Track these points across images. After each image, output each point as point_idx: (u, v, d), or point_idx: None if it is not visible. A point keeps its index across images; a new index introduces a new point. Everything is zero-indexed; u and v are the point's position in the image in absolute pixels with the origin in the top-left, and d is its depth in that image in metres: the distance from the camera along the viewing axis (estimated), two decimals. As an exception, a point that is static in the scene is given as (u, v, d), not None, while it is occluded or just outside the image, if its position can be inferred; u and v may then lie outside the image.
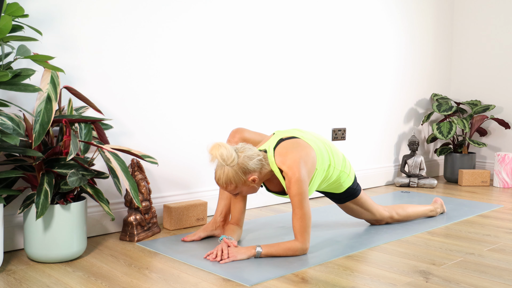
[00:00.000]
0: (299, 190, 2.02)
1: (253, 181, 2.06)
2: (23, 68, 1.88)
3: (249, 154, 2.05)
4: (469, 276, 1.89)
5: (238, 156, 2.03)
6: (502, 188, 3.82)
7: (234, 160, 2.01)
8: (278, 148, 2.12)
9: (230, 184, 2.05)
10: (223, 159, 2.00)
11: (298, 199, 2.03)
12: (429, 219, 2.77)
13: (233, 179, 2.03)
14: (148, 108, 2.56)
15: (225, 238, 2.10)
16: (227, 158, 2.00)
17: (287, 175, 2.05)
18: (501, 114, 4.25)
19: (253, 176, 2.06)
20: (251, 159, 2.05)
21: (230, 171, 2.02)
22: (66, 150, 1.99)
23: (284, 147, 2.11)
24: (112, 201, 2.47)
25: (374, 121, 3.80)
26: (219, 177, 2.05)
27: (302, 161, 2.06)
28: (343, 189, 2.37)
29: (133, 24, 2.47)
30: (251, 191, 2.13)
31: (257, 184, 2.10)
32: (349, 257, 2.10)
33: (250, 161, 2.04)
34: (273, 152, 2.12)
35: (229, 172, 2.02)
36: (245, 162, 2.03)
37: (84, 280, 1.81)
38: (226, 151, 2.00)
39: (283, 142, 2.15)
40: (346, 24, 3.52)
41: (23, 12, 1.88)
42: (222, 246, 2.06)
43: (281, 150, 2.11)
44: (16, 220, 2.17)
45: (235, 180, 2.04)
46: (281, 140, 2.16)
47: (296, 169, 2.03)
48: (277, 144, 2.15)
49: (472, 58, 4.42)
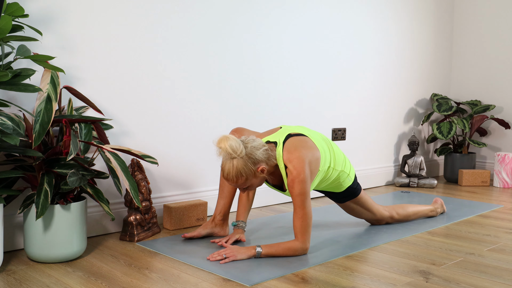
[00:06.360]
0: (302, 190, 2.02)
1: (262, 171, 2.05)
2: (23, 68, 1.88)
3: (255, 145, 2.05)
4: (469, 276, 1.89)
5: (245, 147, 2.02)
6: (502, 188, 3.82)
7: (242, 151, 2.00)
8: (287, 143, 2.12)
9: (241, 177, 2.02)
10: (233, 150, 1.98)
11: (300, 199, 2.03)
12: (429, 219, 2.77)
13: (243, 171, 2.01)
14: (148, 108, 2.56)
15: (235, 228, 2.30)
16: (236, 149, 1.98)
17: (291, 174, 2.04)
18: (501, 114, 4.25)
19: (262, 166, 2.04)
20: (258, 149, 2.04)
21: (240, 162, 2.00)
22: (66, 150, 1.99)
23: (292, 144, 2.11)
24: (112, 201, 2.47)
25: (374, 121, 3.80)
26: (228, 171, 2.02)
27: (308, 162, 2.06)
28: (343, 188, 2.37)
29: (133, 24, 2.47)
30: (259, 183, 2.11)
31: (266, 174, 2.08)
32: (349, 257, 2.10)
33: (257, 151, 2.03)
34: (282, 147, 2.11)
35: (239, 164, 2.00)
36: (253, 152, 2.02)
37: (84, 280, 1.81)
38: (234, 142, 1.98)
39: (292, 138, 2.14)
40: (346, 24, 3.52)
41: (23, 12, 1.88)
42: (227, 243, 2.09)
43: (289, 146, 2.10)
44: (16, 220, 2.17)
45: (246, 172, 2.01)
46: (289, 135, 2.16)
47: (301, 169, 2.03)
48: (286, 139, 2.14)
49: (472, 58, 4.42)
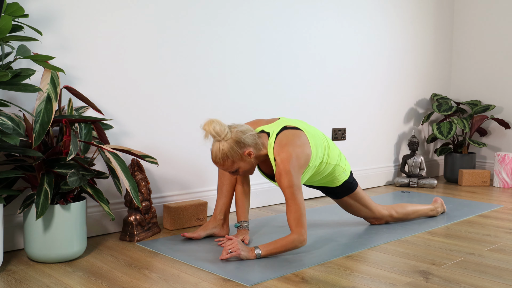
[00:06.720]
0: (289, 182, 2.05)
1: (249, 155, 2.09)
2: (23, 68, 1.88)
3: (242, 129, 2.09)
4: (469, 276, 1.89)
5: (231, 131, 2.07)
6: (502, 188, 3.82)
7: (227, 134, 2.05)
8: (280, 135, 2.15)
9: (227, 159, 2.06)
10: (216, 132, 2.04)
11: (290, 191, 2.06)
12: (429, 219, 2.77)
13: (229, 153, 2.06)
14: (148, 108, 2.56)
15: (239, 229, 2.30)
16: (220, 132, 2.04)
17: (278, 167, 2.08)
18: (501, 114, 4.25)
19: (249, 150, 2.09)
20: (244, 133, 2.08)
21: (225, 145, 2.05)
22: (66, 150, 1.99)
23: (285, 137, 2.14)
24: (112, 201, 2.47)
25: (374, 121, 3.80)
26: (215, 154, 2.07)
27: (295, 157, 2.09)
28: (340, 182, 2.39)
29: (133, 24, 2.47)
30: (248, 167, 2.13)
31: (253, 159, 2.12)
32: (349, 257, 2.10)
33: (243, 135, 2.08)
34: (275, 138, 2.15)
35: (224, 147, 2.05)
36: (239, 135, 2.07)
37: (84, 280, 1.81)
38: (219, 126, 2.04)
39: (286, 131, 2.17)
40: (346, 24, 3.52)
41: (23, 12, 1.88)
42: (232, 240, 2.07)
43: (281, 139, 2.14)
44: (16, 220, 2.17)
45: (231, 155, 2.06)
46: (285, 127, 2.19)
47: (287, 162, 2.06)
48: (280, 131, 2.17)
49: (472, 58, 4.41)
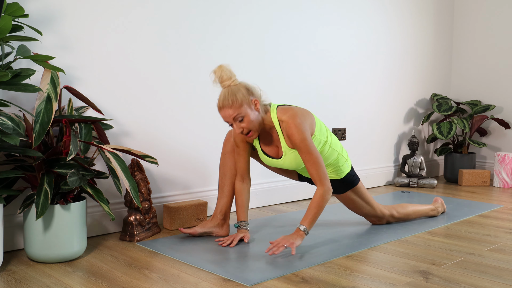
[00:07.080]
0: (302, 135, 2.08)
1: (255, 105, 2.11)
2: (23, 68, 1.88)
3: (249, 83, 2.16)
4: (469, 276, 1.89)
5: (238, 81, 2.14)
6: (502, 188, 3.82)
7: (236, 80, 2.10)
8: (280, 107, 2.20)
9: (236, 101, 2.07)
10: (226, 74, 2.08)
11: (304, 145, 2.08)
12: (429, 219, 2.77)
13: (238, 95, 2.07)
14: (148, 108, 2.56)
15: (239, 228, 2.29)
16: (230, 75, 2.09)
17: (287, 123, 2.11)
18: (501, 114, 4.25)
19: (256, 99, 2.11)
20: (251, 85, 2.14)
21: (234, 87, 2.08)
22: (66, 150, 1.99)
23: (286, 106, 2.20)
24: (112, 201, 2.47)
25: (374, 121, 3.80)
26: (224, 96, 2.08)
27: (301, 115, 2.14)
28: (343, 174, 2.40)
29: (133, 24, 2.47)
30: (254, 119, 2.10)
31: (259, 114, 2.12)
32: (349, 257, 2.11)
33: (251, 85, 2.13)
34: (276, 109, 2.19)
35: (234, 88, 2.08)
36: (247, 83, 2.13)
37: (84, 280, 1.81)
38: (228, 71, 2.09)
39: (286, 105, 2.25)
40: (346, 24, 3.52)
41: (23, 12, 1.88)
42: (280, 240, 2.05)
43: (284, 107, 2.19)
44: (16, 220, 2.17)
45: (241, 97, 2.07)
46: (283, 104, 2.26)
47: (295, 118, 2.11)
48: (279, 105, 2.23)
49: (472, 58, 4.42)
